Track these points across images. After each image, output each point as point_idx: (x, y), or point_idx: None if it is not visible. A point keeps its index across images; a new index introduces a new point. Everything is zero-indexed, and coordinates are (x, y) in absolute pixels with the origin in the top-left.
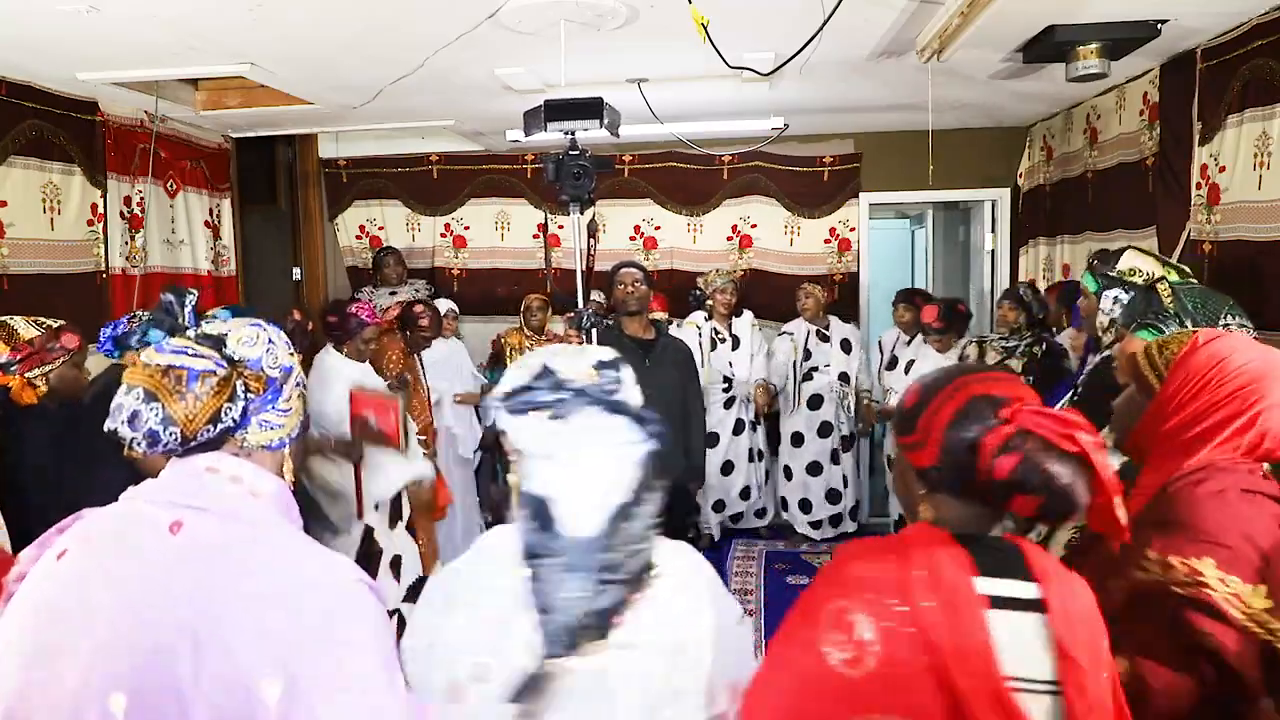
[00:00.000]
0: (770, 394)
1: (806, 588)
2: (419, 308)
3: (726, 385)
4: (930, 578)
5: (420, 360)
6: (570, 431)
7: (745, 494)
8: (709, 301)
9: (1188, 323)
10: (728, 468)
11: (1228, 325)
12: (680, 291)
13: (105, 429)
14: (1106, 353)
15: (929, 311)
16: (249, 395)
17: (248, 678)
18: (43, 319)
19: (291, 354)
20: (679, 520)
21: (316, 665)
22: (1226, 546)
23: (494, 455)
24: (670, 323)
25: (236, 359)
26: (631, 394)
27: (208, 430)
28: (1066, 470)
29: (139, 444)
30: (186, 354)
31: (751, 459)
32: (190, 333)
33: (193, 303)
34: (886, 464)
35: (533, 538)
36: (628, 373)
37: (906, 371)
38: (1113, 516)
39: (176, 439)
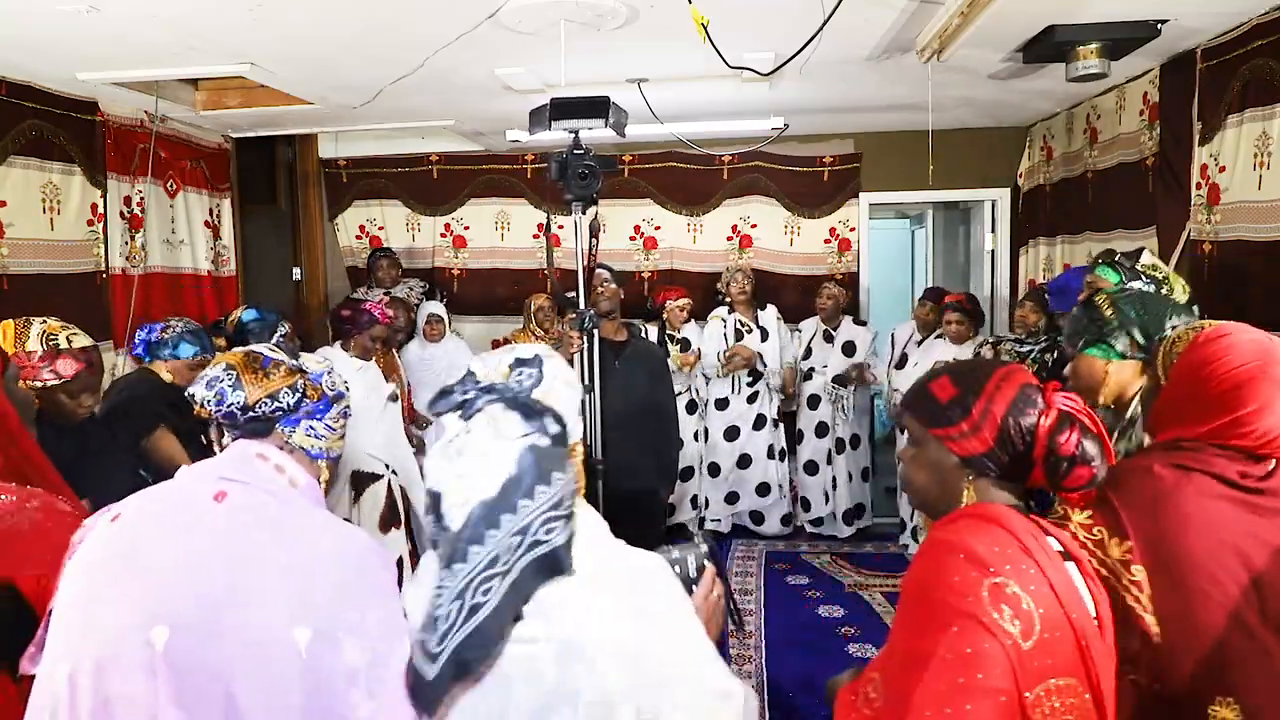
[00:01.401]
0: (752, 356)
1: (914, 579)
2: (384, 300)
3: (751, 379)
4: (1035, 540)
5: (397, 357)
6: (465, 429)
7: (763, 490)
8: (728, 298)
9: (1134, 331)
10: (744, 461)
11: (1174, 327)
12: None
13: (185, 393)
14: None
15: (955, 296)
16: (305, 397)
17: (280, 625)
18: (81, 338)
19: (347, 386)
20: (650, 523)
21: (342, 615)
22: (1108, 502)
23: None
24: (690, 320)
25: (303, 368)
26: (555, 389)
27: (265, 404)
28: (1095, 444)
29: (209, 402)
30: (266, 349)
31: (771, 455)
32: (277, 342)
33: (282, 333)
34: (896, 463)
35: (432, 531)
36: (552, 367)
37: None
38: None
39: (240, 403)
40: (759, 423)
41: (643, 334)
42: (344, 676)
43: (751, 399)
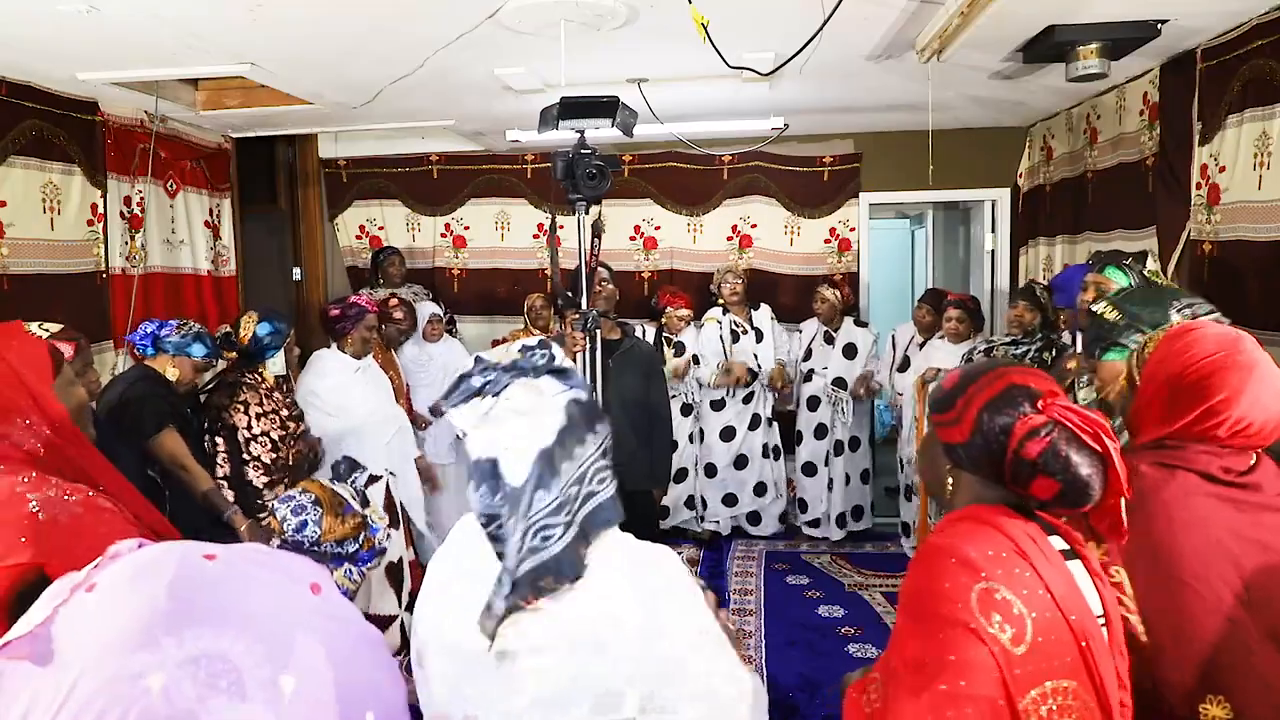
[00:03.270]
0: (786, 374)
1: (908, 584)
2: (393, 301)
3: (747, 380)
4: (1032, 543)
5: (396, 356)
6: (500, 401)
7: (761, 490)
8: (720, 299)
9: (1142, 325)
10: (741, 462)
11: (1180, 310)
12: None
13: (272, 510)
14: None
15: (956, 296)
16: (361, 547)
17: (362, 702)
18: (49, 325)
19: (384, 551)
20: (644, 524)
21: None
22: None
23: None
24: (690, 321)
25: (369, 521)
26: (562, 363)
27: (331, 545)
28: (1087, 463)
29: (288, 525)
30: (353, 499)
31: (766, 455)
32: (355, 486)
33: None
34: (899, 465)
35: (485, 502)
36: (558, 349)
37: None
38: (1117, 516)
39: (314, 538)
40: (754, 422)
41: (636, 333)
42: None
43: (747, 399)
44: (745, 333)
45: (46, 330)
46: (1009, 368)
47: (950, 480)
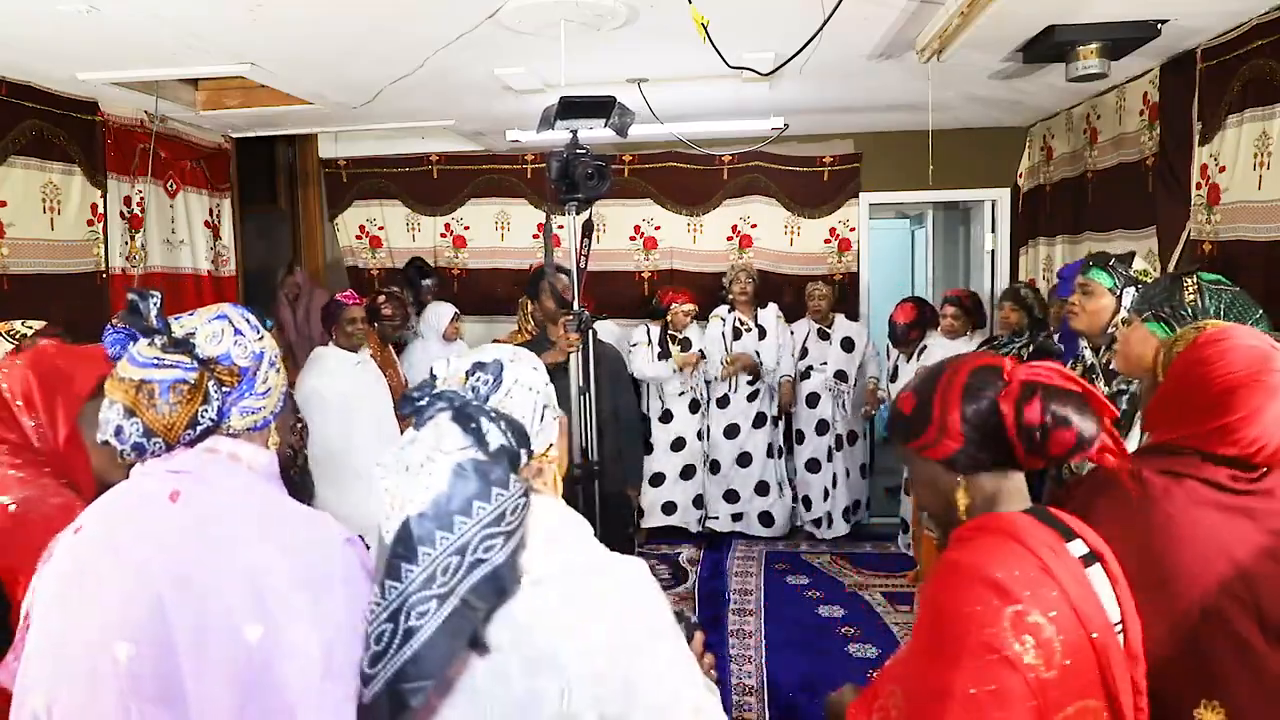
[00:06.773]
0: (753, 364)
1: (931, 603)
2: (381, 298)
3: (751, 378)
4: (1053, 555)
5: (394, 352)
6: (415, 441)
7: (763, 489)
8: (730, 296)
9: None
10: (744, 459)
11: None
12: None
13: (97, 441)
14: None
15: (955, 291)
16: (224, 390)
17: (234, 622)
18: (31, 323)
19: (261, 337)
20: (618, 527)
21: (301, 611)
22: (1089, 511)
23: None
24: (694, 317)
25: (206, 359)
26: (514, 394)
27: (189, 433)
28: (1078, 403)
29: (128, 455)
30: (156, 366)
31: (770, 454)
32: (158, 340)
33: (157, 305)
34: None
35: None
36: (513, 371)
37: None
38: (1114, 436)
39: (161, 446)
40: (759, 420)
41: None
42: (296, 675)
43: (751, 397)
44: (748, 330)
45: (30, 328)
46: (954, 360)
47: (961, 493)
